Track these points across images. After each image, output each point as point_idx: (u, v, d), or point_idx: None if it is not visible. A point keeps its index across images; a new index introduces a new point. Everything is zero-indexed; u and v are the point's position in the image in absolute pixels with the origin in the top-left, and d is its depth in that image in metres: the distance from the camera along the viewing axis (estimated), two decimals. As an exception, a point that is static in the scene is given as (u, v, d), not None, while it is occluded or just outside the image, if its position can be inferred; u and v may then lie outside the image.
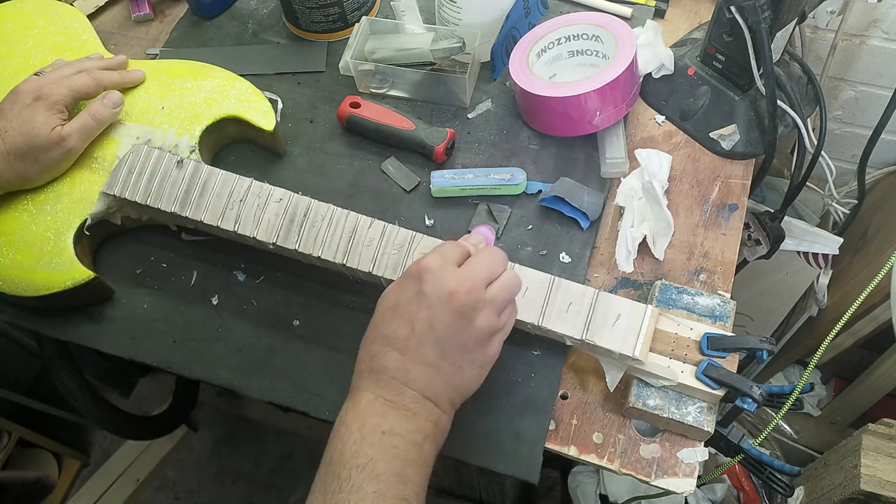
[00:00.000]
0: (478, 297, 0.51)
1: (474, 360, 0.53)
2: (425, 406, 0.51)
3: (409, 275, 0.53)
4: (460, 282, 0.51)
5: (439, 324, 0.51)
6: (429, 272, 0.52)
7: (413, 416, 0.51)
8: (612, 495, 1.17)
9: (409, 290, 0.52)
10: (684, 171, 0.77)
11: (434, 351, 0.51)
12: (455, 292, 0.51)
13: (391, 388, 0.51)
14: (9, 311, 0.71)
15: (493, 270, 0.54)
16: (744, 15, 0.68)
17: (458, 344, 0.52)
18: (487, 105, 0.81)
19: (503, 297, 0.53)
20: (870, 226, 1.11)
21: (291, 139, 0.80)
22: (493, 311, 0.53)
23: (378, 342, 0.53)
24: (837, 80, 1.04)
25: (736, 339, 0.59)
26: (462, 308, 0.51)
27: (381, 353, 0.52)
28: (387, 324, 0.53)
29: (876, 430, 0.93)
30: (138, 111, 0.74)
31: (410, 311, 0.52)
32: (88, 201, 0.69)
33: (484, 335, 0.52)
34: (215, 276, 0.72)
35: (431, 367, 0.51)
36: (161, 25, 0.93)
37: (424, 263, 0.52)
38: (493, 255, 0.55)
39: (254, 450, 1.66)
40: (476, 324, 0.52)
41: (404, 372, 0.51)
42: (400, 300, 0.53)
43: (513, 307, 0.56)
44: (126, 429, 1.31)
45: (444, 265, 0.52)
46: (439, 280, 0.51)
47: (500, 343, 0.55)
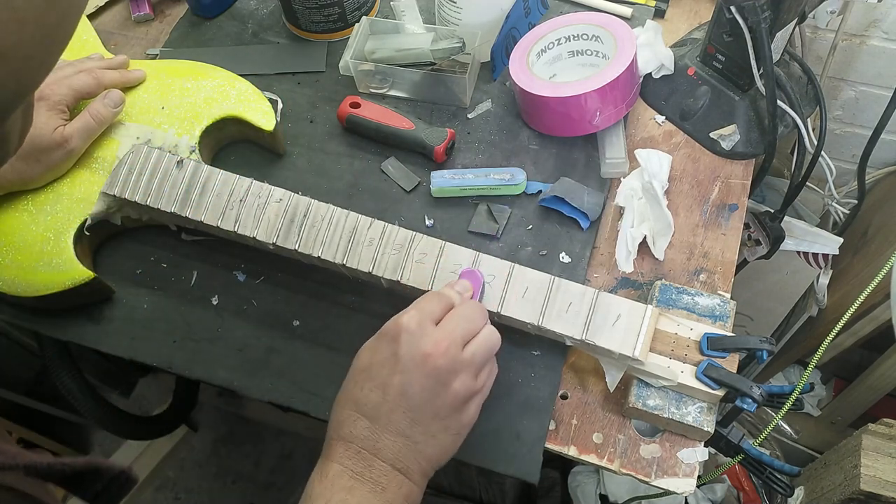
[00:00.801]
0: (454, 358, 0.50)
1: (448, 428, 0.51)
2: (395, 479, 0.49)
3: (386, 334, 0.51)
4: (437, 342, 0.49)
5: (412, 389, 0.49)
6: (405, 333, 0.50)
7: (382, 490, 0.49)
8: (612, 495, 1.17)
9: (384, 350, 0.51)
10: (684, 171, 0.77)
11: (406, 419, 0.49)
12: (430, 354, 0.49)
13: (360, 460, 0.49)
14: (9, 311, 0.71)
15: (472, 329, 0.52)
16: (744, 15, 0.68)
17: (432, 411, 0.50)
18: (487, 105, 0.81)
19: (482, 355, 0.51)
20: (870, 226, 1.11)
21: (291, 139, 0.80)
22: (470, 374, 0.51)
23: (348, 407, 0.51)
24: (837, 80, 1.04)
25: (736, 339, 0.59)
26: (438, 372, 0.49)
27: (349, 419, 0.51)
28: (359, 388, 0.51)
29: (876, 430, 0.93)
30: (138, 111, 0.74)
31: (383, 374, 0.50)
32: (88, 201, 0.69)
33: (460, 400, 0.50)
34: (215, 276, 0.72)
35: (402, 437, 0.49)
36: (161, 25, 0.93)
37: (401, 322, 0.51)
38: (471, 311, 0.53)
39: (254, 450, 1.66)
40: (452, 387, 0.50)
41: (374, 441, 0.49)
42: (373, 361, 0.51)
43: (492, 366, 0.54)
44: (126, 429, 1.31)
45: (420, 323, 0.50)
46: (415, 341, 0.49)
47: (478, 407, 0.53)
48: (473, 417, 0.52)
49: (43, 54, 0.29)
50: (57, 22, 0.29)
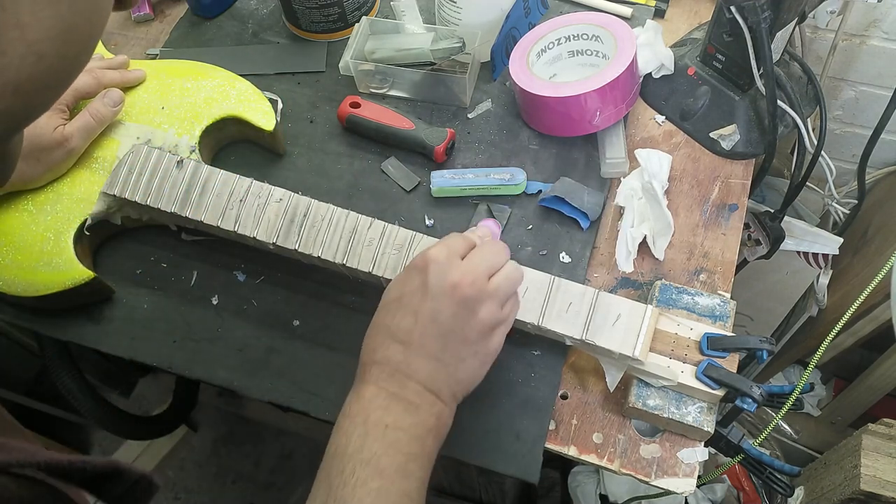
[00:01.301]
0: (481, 289, 0.52)
1: (476, 353, 0.53)
2: (427, 399, 0.51)
3: (414, 266, 0.54)
4: (464, 273, 0.51)
5: (442, 315, 0.51)
6: (433, 263, 0.52)
7: (416, 409, 0.51)
8: (612, 495, 1.17)
9: (414, 281, 0.53)
10: (684, 171, 0.77)
11: (437, 343, 0.51)
12: (458, 284, 0.51)
13: (394, 381, 0.51)
14: (9, 311, 0.71)
15: (496, 262, 0.54)
16: (744, 15, 0.68)
17: (461, 336, 0.52)
18: (487, 105, 0.81)
19: (506, 288, 0.54)
20: (870, 226, 1.11)
21: (291, 139, 0.80)
22: (495, 303, 0.53)
23: (381, 333, 0.53)
24: (837, 80, 1.04)
25: (736, 339, 0.59)
26: (465, 300, 0.51)
27: (384, 344, 0.52)
28: (391, 315, 0.53)
29: (876, 430, 0.93)
30: (138, 111, 0.74)
31: (414, 302, 0.52)
32: (88, 201, 0.69)
33: (487, 327, 0.53)
34: (215, 276, 0.72)
35: (434, 360, 0.51)
36: (161, 25, 0.93)
37: (429, 255, 0.53)
38: (495, 248, 0.55)
39: (254, 450, 1.66)
40: (479, 315, 0.52)
41: (407, 364, 0.51)
42: (404, 291, 0.53)
43: (515, 299, 0.56)
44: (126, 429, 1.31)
45: (448, 256, 0.53)
46: (443, 272, 0.51)
47: (503, 335, 0.55)
48: (499, 345, 0.54)
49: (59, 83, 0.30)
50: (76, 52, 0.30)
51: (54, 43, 0.28)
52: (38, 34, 0.27)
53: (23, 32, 0.26)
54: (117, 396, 1.71)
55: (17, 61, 0.27)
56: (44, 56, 0.27)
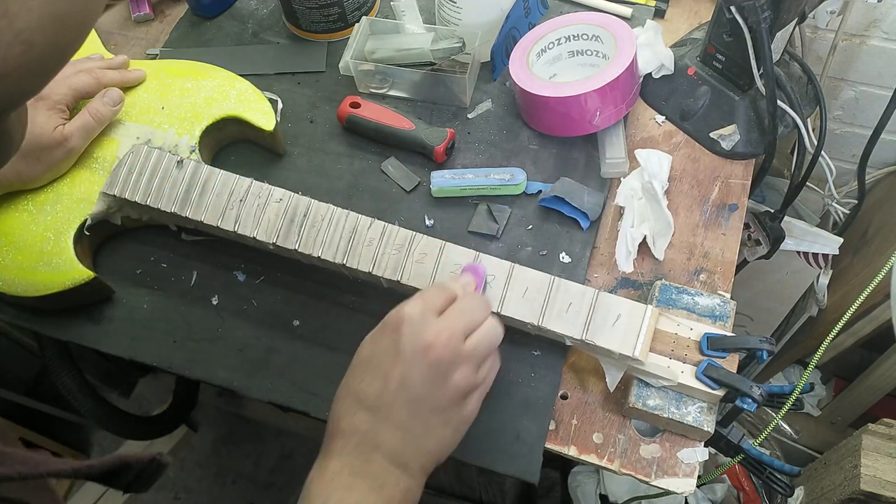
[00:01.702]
0: (455, 351, 0.49)
1: (448, 421, 0.50)
2: (394, 475, 0.49)
3: (388, 324, 0.51)
4: (437, 333, 0.49)
5: (413, 381, 0.48)
6: (407, 322, 0.49)
7: (380, 487, 0.48)
8: (612, 495, 1.17)
9: (386, 340, 0.50)
10: (684, 171, 0.77)
11: (406, 411, 0.49)
12: (432, 345, 0.48)
13: (358, 455, 0.49)
14: (9, 311, 0.71)
15: (475, 320, 0.51)
16: (744, 15, 0.68)
17: (433, 403, 0.49)
18: (487, 105, 0.81)
19: (483, 349, 0.51)
20: (870, 226, 1.11)
21: (291, 139, 0.80)
22: (471, 367, 0.50)
23: (349, 398, 0.51)
24: (837, 80, 1.04)
25: (736, 339, 0.59)
26: (439, 363, 0.48)
27: (350, 411, 0.50)
28: (359, 379, 0.51)
29: (876, 430, 0.93)
30: (138, 111, 0.74)
31: (385, 365, 0.50)
32: (88, 201, 0.69)
33: (460, 393, 0.50)
34: (215, 276, 0.72)
35: (402, 430, 0.49)
36: (161, 25, 0.93)
37: (404, 312, 0.50)
38: (475, 303, 0.52)
39: (254, 450, 1.66)
40: (452, 380, 0.49)
41: (374, 434, 0.49)
42: (374, 352, 0.51)
43: (494, 359, 0.53)
44: (126, 429, 1.31)
45: (423, 314, 0.50)
46: (416, 332, 0.49)
47: (479, 401, 0.52)
48: (474, 411, 0.52)
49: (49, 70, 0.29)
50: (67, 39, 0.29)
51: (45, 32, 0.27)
52: (26, 23, 0.26)
53: (10, 22, 0.26)
54: (117, 396, 1.71)
55: (2, 50, 0.26)
56: (33, 45, 0.27)
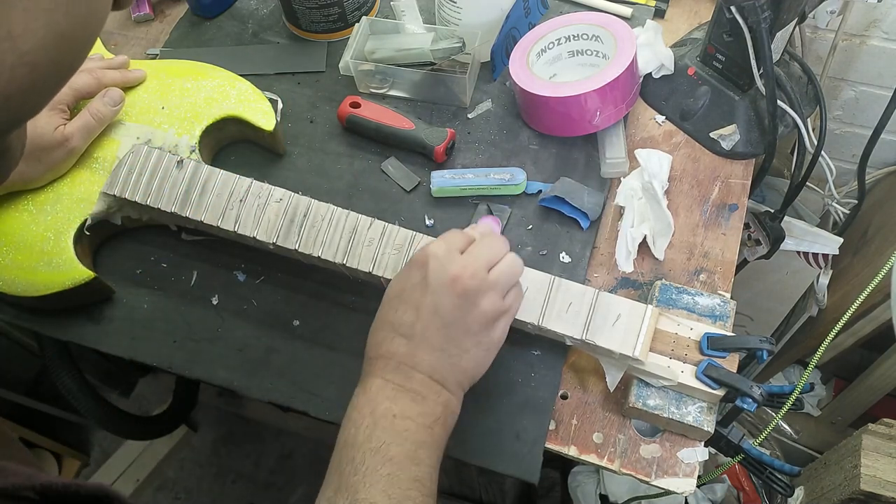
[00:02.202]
0: (481, 280, 0.52)
1: (480, 343, 0.53)
2: (433, 389, 0.52)
3: (414, 262, 0.54)
4: (463, 266, 0.52)
5: (444, 308, 0.52)
6: (433, 258, 0.52)
7: (422, 399, 0.51)
8: (612, 495, 1.17)
9: (414, 276, 0.53)
10: (684, 171, 0.77)
11: (439, 335, 0.52)
12: (458, 277, 0.51)
13: (399, 373, 0.52)
14: (9, 311, 0.71)
15: (496, 254, 0.54)
16: (744, 15, 0.68)
17: (464, 327, 0.52)
18: (487, 105, 0.81)
19: (506, 279, 0.54)
20: (870, 226, 1.11)
21: (291, 139, 0.80)
22: (497, 294, 0.53)
23: (385, 329, 0.54)
24: (837, 80, 1.04)
25: (736, 339, 0.59)
26: (466, 292, 0.52)
27: (387, 339, 0.53)
28: (393, 310, 0.54)
29: (876, 430, 0.93)
30: (138, 111, 0.74)
31: (415, 297, 0.53)
32: (88, 201, 0.69)
33: (489, 318, 0.53)
34: (215, 276, 0.72)
35: (438, 351, 0.52)
36: (161, 25, 0.93)
37: (429, 250, 0.53)
38: (495, 241, 0.55)
39: (254, 450, 1.66)
40: (481, 306, 0.52)
41: (411, 356, 0.52)
42: (405, 287, 0.54)
43: (518, 289, 0.56)
44: (126, 429, 1.31)
45: (448, 251, 0.53)
46: (442, 266, 0.52)
47: (507, 325, 0.55)
48: (503, 334, 0.55)
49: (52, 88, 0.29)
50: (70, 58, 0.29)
51: (48, 52, 0.27)
52: (30, 44, 0.26)
53: (14, 43, 0.25)
54: (117, 396, 1.71)
55: (7, 73, 0.26)
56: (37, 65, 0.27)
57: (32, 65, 0.26)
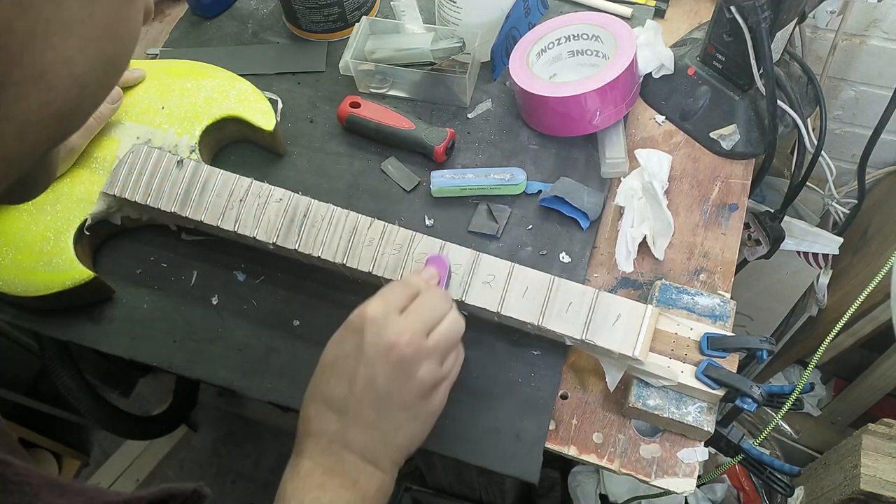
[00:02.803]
0: (418, 348, 0.50)
1: (416, 416, 0.51)
2: (365, 471, 0.50)
3: (351, 325, 0.52)
4: (400, 333, 0.49)
5: (378, 380, 0.49)
6: (369, 324, 0.50)
7: (353, 483, 0.49)
8: (612, 495, 1.17)
9: (348, 343, 0.51)
10: (684, 171, 0.77)
11: (373, 411, 0.50)
12: (395, 344, 0.49)
13: (330, 455, 0.50)
14: (9, 311, 0.71)
15: (436, 315, 0.52)
16: (744, 15, 0.68)
17: (399, 400, 0.50)
18: (487, 105, 0.81)
19: (446, 343, 0.52)
20: (870, 226, 1.11)
21: (291, 139, 0.80)
22: (435, 361, 0.51)
23: (316, 401, 0.52)
24: (837, 80, 1.04)
25: (736, 339, 0.59)
26: (402, 361, 0.49)
27: (318, 414, 0.51)
28: (325, 381, 0.52)
29: (876, 430, 0.93)
30: (138, 111, 0.74)
31: (349, 367, 0.50)
32: (88, 201, 0.69)
33: (426, 388, 0.51)
34: (215, 276, 0.72)
35: (371, 429, 0.50)
36: (161, 25, 0.93)
37: (366, 313, 0.51)
38: (435, 298, 0.53)
39: (254, 450, 1.66)
40: (418, 376, 0.50)
41: (342, 435, 0.50)
42: (339, 355, 0.52)
43: (458, 352, 0.54)
44: (126, 429, 1.31)
45: (385, 313, 0.51)
46: (378, 332, 0.50)
47: (446, 393, 0.53)
48: (441, 404, 0.53)
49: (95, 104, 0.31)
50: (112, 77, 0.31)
51: (97, 73, 0.29)
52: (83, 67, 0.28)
53: (70, 67, 0.28)
54: (117, 396, 1.71)
55: (62, 94, 0.28)
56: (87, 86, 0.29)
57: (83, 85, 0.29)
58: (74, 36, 0.27)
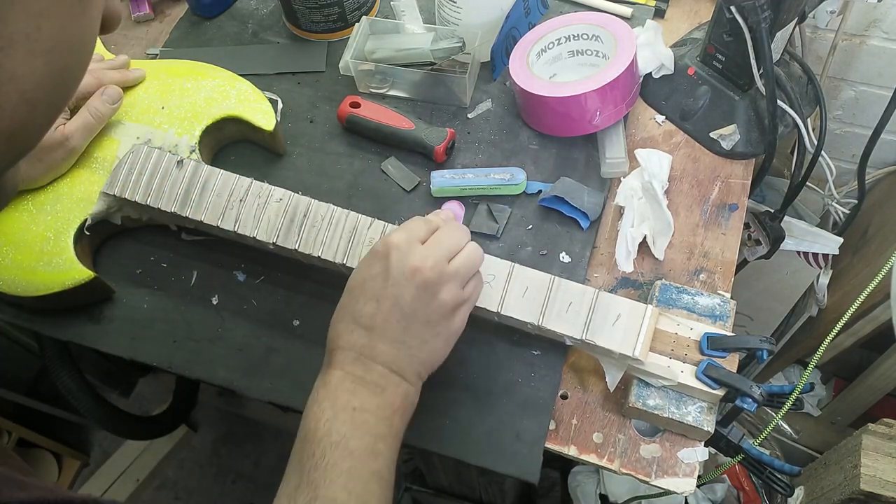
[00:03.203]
0: (441, 272, 0.53)
1: (439, 333, 0.54)
2: (392, 380, 0.53)
3: (376, 252, 0.55)
4: (424, 258, 0.53)
5: (404, 300, 0.52)
6: (394, 249, 0.53)
7: (381, 391, 0.52)
8: (612, 495, 1.17)
9: (375, 267, 0.54)
10: (684, 171, 0.77)
11: (399, 326, 0.53)
12: (419, 269, 0.52)
13: (359, 365, 0.53)
14: (9, 311, 0.71)
15: (456, 245, 0.55)
16: (744, 15, 0.68)
17: (423, 318, 0.53)
18: (487, 105, 0.81)
19: (466, 269, 0.55)
20: (870, 226, 1.11)
21: (291, 139, 0.80)
22: (456, 284, 0.54)
23: (346, 319, 0.54)
24: (837, 80, 1.04)
25: (736, 339, 0.59)
26: (426, 283, 0.52)
27: (347, 329, 0.54)
28: (354, 301, 0.54)
29: (876, 430, 0.93)
30: (138, 111, 0.74)
31: (376, 288, 0.53)
32: (88, 201, 0.69)
33: (448, 308, 0.54)
34: (215, 276, 0.72)
35: (397, 342, 0.53)
36: (161, 25, 0.93)
37: (390, 240, 0.54)
38: (456, 231, 0.56)
39: (254, 450, 1.66)
40: (440, 297, 0.53)
41: (371, 348, 0.53)
42: (366, 277, 0.54)
43: (478, 279, 0.58)
44: (126, 429, 1.31)
45: (409, 241, 0.54)
46: (403, 257, 0.53)
47: (466, 314, 0.56)
48: (462, 323, 0.56)
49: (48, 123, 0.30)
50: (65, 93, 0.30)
51: (46, 89, 0.28)
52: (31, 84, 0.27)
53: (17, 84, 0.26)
54: (117, 396, 1.71)
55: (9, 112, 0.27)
56: (36, 103, 0.28)
57: (32, 103, 0.27)
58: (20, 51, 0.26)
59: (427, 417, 0.61)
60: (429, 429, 0.62)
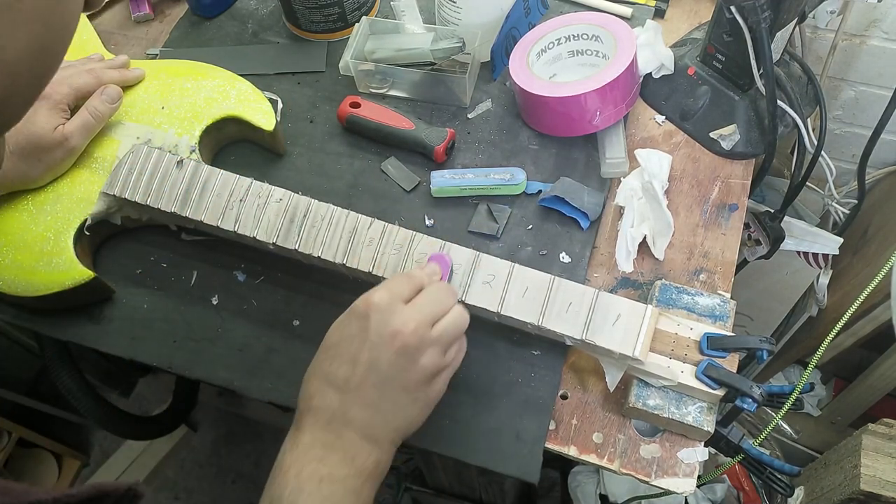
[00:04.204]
0: (422, 337, 0.51)
1: (416, 400, 0.52)
2: (364, 448, 0.51)
3: (355, 310, 0.53)
4: (405, 321, 0.50)
5: (381, 364, 0.50)
6: (374, 311, 0.51)
7: (351, 459, 0.50)
8: (612, 495, 1.18)
9: (353, 326, 0.52)
10: (684, 171, 0.77)
11: (375, 391, 0.51)
12: (399, 332, 0.50)
13: (330, 431, 0.51)
14: (9, 311, 0.71)
15: (441, 308, 0.53)
16: (744, 15, 0.68)
17: (401, 384, 0.51)
18: (487, 105, 0.81)
19: (449, 335, 0.53)
20: (870, 226, 1.11)
21: (291, 139, 0.80)
22: (438, 350, 0.52)
23: (319, 379, 0.52)
24: (837, 80, 1.04)
25: (736, 339, 0.59)
26: (406, 348, 0.50)
27: (320, 391, 0.52)
28: (329, 361, 0.52)
29: (876, 430, 0.93)
30: (138, 111, 0.74)
31: (353, 349, 0.51)
32: (88, 201, 0.69)
33: (428, 374, 0.52)
34: (215, 276, 0.72)
35: (371, 408, 0.51)
36: (161, 25, 0.93)
37: (371, 300, 0.52)
38: (441, 291, 0.54)
39: (254, 450, 1.66)
40: (420, 363, 0.51)
41: (343, 413, 0.51)
42: (343, 337, 0.52)
43: (461, 343, 0.55)
44: (126, 429, 1.31)
45: (390, 302, 0.51)
46: (384, 319, 0.51)
47: (446, 380, 0.54)
48: (441, 390, 0.54)
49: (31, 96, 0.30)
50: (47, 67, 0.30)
51: (28, 62, 0.28)
52: (13, 55, 0.27)
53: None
54: (117, 396, 1.71)
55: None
56: (18, 76, 0.28)
57: (14, 75, 0.27)
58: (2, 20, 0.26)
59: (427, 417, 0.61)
60: (429, 429, 0.62)
